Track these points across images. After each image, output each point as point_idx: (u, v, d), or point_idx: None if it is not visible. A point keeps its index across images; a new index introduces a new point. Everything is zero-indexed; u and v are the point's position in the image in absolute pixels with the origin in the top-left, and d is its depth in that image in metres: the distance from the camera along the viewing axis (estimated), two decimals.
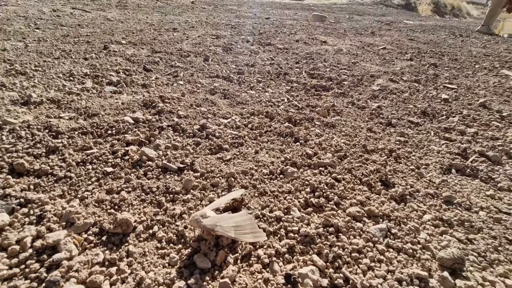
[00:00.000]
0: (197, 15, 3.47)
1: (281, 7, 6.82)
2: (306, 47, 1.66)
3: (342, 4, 10.34)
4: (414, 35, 3.14)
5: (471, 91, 1.28)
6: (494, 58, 2.28)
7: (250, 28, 2.30)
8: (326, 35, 2.27)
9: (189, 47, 1.31)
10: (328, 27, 3.30)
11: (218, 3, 5.81)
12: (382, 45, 2.07)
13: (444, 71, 1.65)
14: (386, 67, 1.50)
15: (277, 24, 2.99)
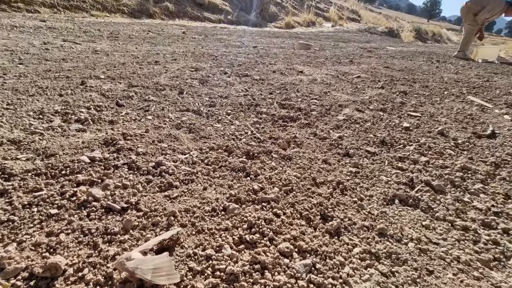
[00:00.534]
0: (186, 45, 3.62)
1: (270, 36, 7.13)
2: (282, 78, 1.75)
3: (329, 32, 10.85)
4: (392, 62, 3.31)
5: (434, 118, 1.35)
6: (464, 84, 2.41)
7: (233, 58, 2.42)
8: (305, 64, 2.39)
9: (166, 80, 1.38)
10: (310, 55, 3.47)
11: (209, 33, 6.06)
12: (357, 74, 2.19)
13: (412, 98, 1.74)
14: (356, 96, 1.58)
15: (262, 53, 3.14)
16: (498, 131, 1.29)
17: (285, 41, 6.38)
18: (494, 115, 1.59)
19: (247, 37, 6.07)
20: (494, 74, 3.45)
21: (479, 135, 1.17)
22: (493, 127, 1.33)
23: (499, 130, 1.31)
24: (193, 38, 4.79)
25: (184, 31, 5.73)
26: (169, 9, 7.97)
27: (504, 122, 1.44)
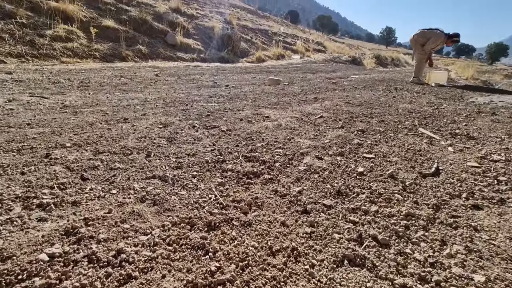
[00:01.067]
0: (158, 90, 3.71)
1: (242, 72, 7.44)
2: (248, 126, 1.85)
3: (298, 64, 11.54)
4: (353, 95, 3.58)
5: (386, 159, 1.49)
6: (416, 115, 2.65)
7: (203, 105, 2.52)
8: (272, 107, 2.55)
9: (134, 142, 1.42)
10: (279, 92, 3.68)
11: (182, 73, 6.25)
12: (320, 113, 2.36)
13: (369, 136, 1.90)
14: (317, 140, 1.70)
15: (232, 94, 3.29)
16: (442, 166, 1.44)
17: (256, 76, 6.70)
18: (440, 148, 1.77)
19: (220, 75, 6.31)
20: (444, 100, 3.82)
21: (424, 174, 1.31)
22: (438, 162, 1.48)
23: (443, 166, 1.46)
24: (166, 81, 4.91)
25: (157, 73, 5.87)
26: (142, 51, 8.19)
27: (448, 156, 1.60)
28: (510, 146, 1.82)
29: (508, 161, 1.54)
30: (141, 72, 5.87)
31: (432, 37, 5.43)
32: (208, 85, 4.76)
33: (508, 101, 3.67)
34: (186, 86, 4.47)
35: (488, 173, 1.36)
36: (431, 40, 5.44)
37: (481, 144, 1.84)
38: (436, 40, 5.41)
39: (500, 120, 2.60)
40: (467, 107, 3.20)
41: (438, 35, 5.40)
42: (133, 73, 5.70)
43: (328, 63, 13.19)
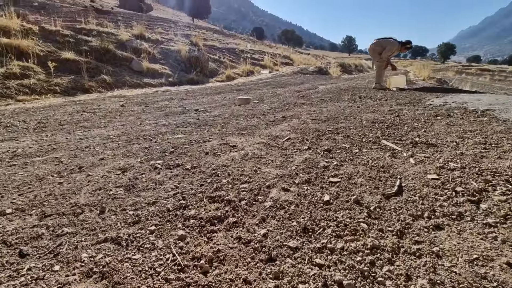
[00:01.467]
0: (123, 124, 3.57)
1: (212, 93, 7.42)
2: (214, 160, 1.80)
3: (267, 79, 11.78)
4: (320, 109, 3.66)
5: (351, 181, 1.50)
6: (379, 125, 2.75)
7: (168, 138, 2.44)
8: (239, 133, 2.52)
9: (87, 197, 1.31)
10: (248, 113, 3.67)
11: (149, 100, 6.11)
12: (287, 135, 2.37)
13: (335, 155, 1.91)
14: (284, 168, 1.69)
15: (201, 120, 3.24)
16: (404, 182, 1.47)
17: (226, 96, 6.71)
18: (402, 160, 1.82)
19: (189, 99, 6.24)
20: (404, 105, 4.02)
21: (387, 195, 1.32)
22: (400, 178, 1.51)
23: (405, 181, 1.49)
24: (132, 111, 4.76)
25: (123, 103, 5.69)
26: (107, 81, 7.96)
27: (409, 169, 1.65)
28: (464, 150, 1.92)
29: (463, 167, 1.61)
30: (106, 104, 5.65)
31: (387, 46, 5.84)
32: (176, 111, 4.68)
33: (460, 101, 3.93)
34: (153, 115, 4.36)
35: (447, 185, 1.40)
36: (387, 48, 5.85)
37: (439, 152, 1.93)
38: (391, 48, 5.83)
39: (454, 122, 2.76)
40: (425, 111, 3.38)
41: (392, 43, 5.83)
42: (97, 105, 5.48)
43: (296, 75, 13.61)
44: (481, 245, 0.94)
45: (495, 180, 1.42)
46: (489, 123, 2.66)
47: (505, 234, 1.00)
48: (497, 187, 1.34)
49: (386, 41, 5.85)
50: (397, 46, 5.82)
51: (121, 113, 4.57)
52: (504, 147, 1.93)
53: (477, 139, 2.15)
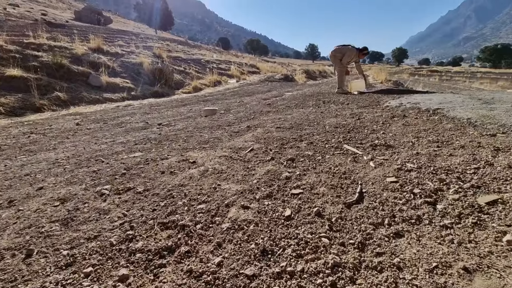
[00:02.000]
0: (75, 145, 3.27)
1: (177, 105, 7.20)
2: (170, 180, 1.66)
3: (235, 88, 11.75)
4: (285, 116, 3.66)
5: (313, 191, 1.45)
6: (341, 129, 2.78)
7: (123, 158, 2.25)
8: (201, 147, 2.40)
9: (11, 238, 1.11)
10: (213, 125, 3.56)
11: (109, 116, 5.74)
12: (250, 146, 2.30)
13: (298, 165, 1.87)
14: (245, 182, 1.60)
15: (163, 136, 3.06)
16: (365, 188, 1.46)
17: (192, 108, 6.53)
18: (363, 164, 1.82)
19: (153, 113, 5.97)
20: (364, 108, 4.16)
21: (349, 204, 1.29)
22: (361, 184, 1.50)
23: (366, 187, 1.48)
24: (88, 130, 4.41)
25: (79, 121, 5.28)
26: (61, 98, 7.39)
27: (369, 173, 1.65)
28: (420, 150, 1.98)
29: (420, 167, 1.64)
30: (58, 123, 5.20)
31: (347, 52, 6.15)
32: (138, 127, 4.42)
33: (414, 101, 4.17)
34: (111, 132, 4.06)
35: (405, 187, 1.41)
36: (346, 54, 6.16)
37: (397, 153, 1.97)
38: (350, 54, 6.14)
39: (409, 122, 2.89)
40: (383, 113, 3.52)
41: (351, 50, 6.15)
42: (48, 125, 5.02)
43: (264, 83, 13.76)
44: (440, 250, 0.92)
45: (448, 179, 1.45)
46: (440, 121, 2.82)
47: (460, 235, 1.00)
48: (450, 186, 1.38)
49: (345, 48, 6.16)
50: (355, 53, 6.16)
51: (75, 133, 4.22)
52: (454, 144, 2.03)
53: (430, 138, 2.24)
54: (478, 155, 1.76)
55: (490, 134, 2.20)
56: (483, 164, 1.61)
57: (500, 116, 2.69)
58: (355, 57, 6.32)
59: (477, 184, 1.36)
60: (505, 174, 1.46)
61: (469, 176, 1.46)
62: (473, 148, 1.90)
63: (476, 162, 1.65)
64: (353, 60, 6.41)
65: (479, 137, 2.15)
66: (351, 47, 6.18)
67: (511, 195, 1.21)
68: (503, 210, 1.12)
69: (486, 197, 1.22)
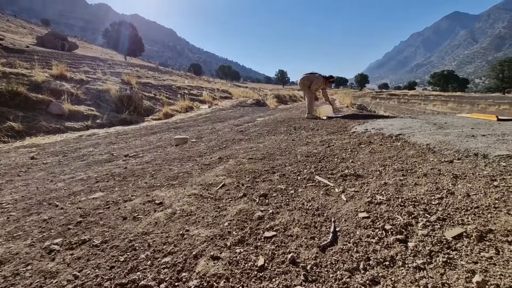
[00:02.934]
0: (28, 183, 2.93)
1: (147, 133, 6.95)
2: (133, 227, 1.51)
3: (207, 114, 11.71)
4: (257, 145, 3.65)
5: (287, 233, 1.39)
6: (312, 159, 2.81)
7: (77, 205, 2.04)
8: (169, 184, 2.27)
9: None
10: (184, 156, 3.42)
11: (70, 148, 5.34)
12: (222, 181, 2.22)
13: (271, 201, 1.82)
14: (216, 225, 1.51)
15: (128, 171, 2.86)
16: (339, 226, 1.44)
17: (162, 136, 6.33)
18: (335, 198, 1.82)
19: (120, 142, 5.66)
20: (333, 134, 4.30)
21: (323, 247, 1.25)
22: (335, 221, 1.47)
23: (339, 224, 1.46)
24: (44, 165, 4.03)
25: (34, 155, 4.82)
26: (15, 128, 6.80)
27: (342, 208, 1.65)
28: (387, 179, 2.04)
29: (389, 200, 1.68)
30: (9, 157, 4.71)
31: (314, 80, 6.53)
32: (101, 159, 4.13)
33: (377, 127, 4.41)
34: (71, 167, 3.74)
35: (377, 223, 1.41)
36: (314, 82, 6.53)
37: (366, 183, 2.01)
38: (318, 81, 6.53)
39: (375, 149, 3.01)
40: (351, 140, 3.65)
41: (318, 78, 6.54)
42: None
43: (236, 108, 13.91)
44: None
45: (416, 211, 1.49)
46: (403, 147, 2.97)
47: (433, 277, 0.99)
48: (419, 219, 1.40)
49: (313, 76, 6.54)
50: (322, 80, 6.55)
51: (28, 168, 3.82)
52: (418, 172, 2.13)
53: (395, 166, 2.34)
54: (440, 184, 1.84)
55: (448, 160, 2.34)
56: (445, 193, 1.68)
57: (454, 141, 2.90)
58: (322, 84, 6.70)
59: (442, 216, 1.41)
60: (465, 203, 1.53)
61: (434, 208, 1.51)
62: (435, 176, 2.00)
63: (439, 191, 1.72)
64: (320, 87, 6.78)
65: (439, 164, 2.27)
66: (318, 75, 6.58)
67: (473, 227, 1.25)
68: (468, 245, 1.15)
69: (452, 230, 1.25)
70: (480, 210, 1.44)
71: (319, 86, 6.65)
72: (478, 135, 3.17)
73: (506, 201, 1.50)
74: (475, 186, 1.76)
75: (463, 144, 2.77)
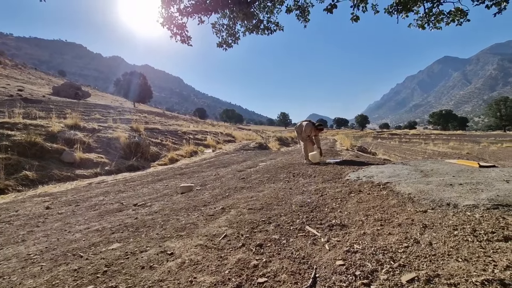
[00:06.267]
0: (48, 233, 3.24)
1: (153, 180, 7.29)
2: (150, 275, 1.81)
3: (211, 158, 12.16)
4: (257, 194, 3.99)
5: (276, 279, 1.70)
6: (305, 208, 3.13)
7: (100, 256, 2.34)
8: (178, 235, 2.59)
9: None
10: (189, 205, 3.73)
11: (81, 197, 5.70)
12: (224, 232, 2.54)
13: (265, 250, 2.13)
14: (218, 273, 1.81)
15: (139, 222, 3.17)
16: (319, 273, 1.74)
17: (168, 183, 6.68)
18: (320, 247, 2.13)
19: (128, 191, 6.02)
20: (327, 182, 4.64)
21: None
22: (316, 268, 1.78)
23: (319, 271, 1.76)
24: (60, 215, 4.36)
25: (49, 205, 5.16)
26: (29, 177, 7.25)
27: (324, 257, 1.95)
28: (367, 229, 2.36)
29: (363, 249, 1.98)
30: (26, 208, 5.06)
31: (304, 128, 7.22)
32: (112, 209, 4.46)
33: (369, 175, 4.77)
34: (85, 217, 4.07)
35: (350, 269, 1.71)
36: (303, 129, 7.21)
37: (348, 233, 2.33)
38: (307, 129, 7.25)
39: (363, 199, 3.35)
40: (343, 189, 3.99)
41: (308, 125, 7.26)
42: (15, 211, 4.87)
43: (239, 152, 14.41)
44: None
45: (383, 259, 1.80)
46: (387, 197, 3.31)
47: None
48: (384, 266, 1.71)
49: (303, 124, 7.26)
50: (311, 128, 7.23)
51: (45, 219, 4.15)
52: (394, 222, 2.45)
53: (376, 216, 2.66)
54: (409, 233, 2.16)
55: (422, 210, 2.67)
56: (412, 242, 2.00)
57: (433, 191, 3.24)
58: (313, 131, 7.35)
59: (404, 263, 1.71)
60: (426, 251, 1.84)
61: (399, 255, 1.82)
62: (407, 226, 2.32)
63: (407, 240, 2.04)
64: (312, 134, 7.42)
65: (414, 214, 2.60)
66: (307, 123, 7.30)
67: (425, 272, 1.56)
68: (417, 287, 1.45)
69: (407, 275, 1.56)
70: (436, 257, 1.75)
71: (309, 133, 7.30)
72: (456, 184, 3.51)
73: (459, 249, 1.82)
74: (438, 235, 2.08)
75: (439, 193, 3.11)
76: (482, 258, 1.67)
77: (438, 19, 5.98)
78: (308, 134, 7.20)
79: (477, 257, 1.69)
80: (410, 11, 6.09)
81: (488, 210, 2.42)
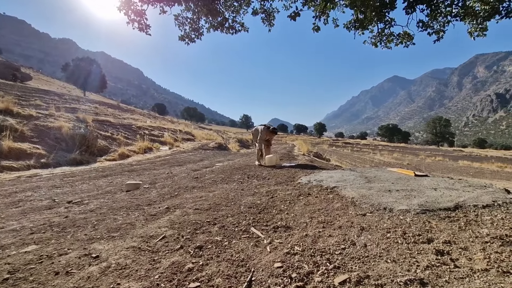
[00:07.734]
0: None
1: (96, 176, 6.70)
2: (64, 282, 1.56)
3: (166, 156, 11.58)
4: (207, 194, 3.84)
5: (210, 283, 1.59)
6: (254, 210, 3.08)
7: (4, 262, 1.99)
8: (109, 235, 2.33)
9: None
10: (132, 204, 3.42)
11: (3, 192, 4.95)
12: (163, 233, 2.35)
13: (204, 253, 2.01)
14: (147, 278, 1.64)
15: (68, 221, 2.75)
16: (255, 276, 1.68)
17: (113, 180, 6.17)
18: (261, 249, 2.08)
19: (64, 186, 5.37)
20: (280, 184, 4.67)
21: None
22: (253, 272, 1.71)
23: (256, 274, 1.70)
24: None
25: None
26: None
27: (263, 259, 1.90)
28: (309, 231, 2.38)
29: (303, 250, 1.98)
30: None
31: (260, 131, 7.35)
32: (40, 206, 3.92)
33: (319, 179, 4.92)
34: (2, 215, 3.49)
35: (287, 272, 1.69)
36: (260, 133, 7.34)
37: (291, 235, 2.32)
38: (262, 132, 7.37)
39: (310, 202, 3.41)
40: (293, 191, 4.05)
41: (263, 129, 7.38)
42: None
43: (197, 151, 13.98)
44: None
45: (321, 261, 1.81)
46: (332, 200, 3.43)
47: None
48: (320, 268, 1.72)
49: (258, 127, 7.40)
50: (265, 131, 7.40)
51: None
52: (335, 225, 2.52)
53: (320, 218, 2.72)
54: (348, 235, 2.23)
55: (362, 213, 2.80)
56: (349, 244, 2.05)
57: (373, 196, 3.43)
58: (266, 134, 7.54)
59: (339, 264, 1.74)
60: (360, 253, 1.90)
61: (336, 257, 1.85)
62: (347, 228, 2.40)
63: (345, 242, 2.10)
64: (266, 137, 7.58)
65: (354, 217, 2.71)
66: (263, 127, 7.45)
67: (356, 273, 1.60)
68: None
69: (340, 277, 1.58)
70: (369, 258, 1.81)
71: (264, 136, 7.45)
72: (393, 190, 3.77)
73: (389, 250, 1.92)
74: (373, 237, 2.18)
75: (379, 198, 3.31)
76: (408, 259, 1.78)
77: (389, 39, 6.53)
78: (264, 137, 7.32)
79: (404, 258, 1.79)
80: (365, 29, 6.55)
81: (417, 214, 2.63)
